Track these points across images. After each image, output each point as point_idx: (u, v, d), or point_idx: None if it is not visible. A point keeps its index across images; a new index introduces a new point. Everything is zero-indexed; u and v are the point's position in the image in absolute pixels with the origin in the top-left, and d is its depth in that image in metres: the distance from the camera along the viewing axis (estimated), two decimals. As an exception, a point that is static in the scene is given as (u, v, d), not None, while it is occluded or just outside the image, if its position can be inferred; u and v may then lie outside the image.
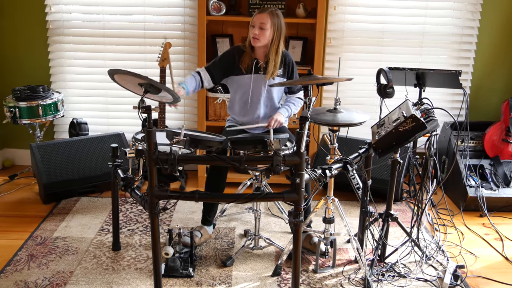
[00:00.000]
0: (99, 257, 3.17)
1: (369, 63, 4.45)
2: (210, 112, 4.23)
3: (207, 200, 3.18)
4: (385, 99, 3.18)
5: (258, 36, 3.25)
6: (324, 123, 2.83)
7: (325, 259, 3.20)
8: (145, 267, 3.08)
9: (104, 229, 3.54)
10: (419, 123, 2.72)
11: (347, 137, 3.23)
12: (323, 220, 3.05)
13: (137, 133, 3.13)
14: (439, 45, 4.50)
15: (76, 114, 4.49)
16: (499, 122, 4.30)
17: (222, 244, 3.38)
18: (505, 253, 3.42)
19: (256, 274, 3.05)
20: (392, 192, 3.13)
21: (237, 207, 3.90)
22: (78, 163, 3.97)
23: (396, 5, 4.38)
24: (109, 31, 4.36)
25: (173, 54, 4.22)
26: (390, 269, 3.10)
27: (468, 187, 3.96)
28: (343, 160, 2.79)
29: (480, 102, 4.65)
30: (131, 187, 2.77)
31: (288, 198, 2.47)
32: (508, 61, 4.60)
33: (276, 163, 2.40)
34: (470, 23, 4.45)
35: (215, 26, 4.31)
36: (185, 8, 4.32)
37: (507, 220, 3.91)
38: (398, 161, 3.05)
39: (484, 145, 4.28)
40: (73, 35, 4.38)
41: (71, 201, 3.95)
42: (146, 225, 3.61)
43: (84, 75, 4.48)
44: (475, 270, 3.20)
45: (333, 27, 4.37)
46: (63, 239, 3.38)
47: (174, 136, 2.49)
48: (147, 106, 2.37)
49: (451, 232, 3.67)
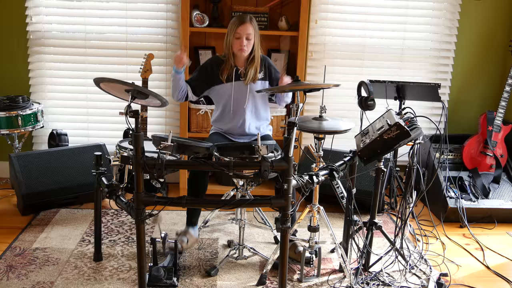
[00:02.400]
0: (80, 268, 3.11)
1: (349, 76, 4.50)
2: (193, 123, 4.22)
3: (194, 206, 3.15)
4: (366, 111, 3.23)
5: (246, 47, 3.29)
6: (310, 131, 2.85)
7: (309, 268, 3.19)
8: (127, 277, 3.03)
9: (85, 240, 3.47)
10: (404, 130, 2.76)
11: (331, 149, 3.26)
12: (308, 229, 3.05)
13: (121, 141, 3.11)
14: (418, 60, 4.60)
15: (56, 125, 4.43)
16: (477, 135, 4.38)
17: (205, 254, 3.35)
18: (486, 263, 3.46)
19: (241, 283, 3.02)
20: (376, 201, 3.16)
21: (220, 218, 3.88)
22: (58, 174, 3.91)
23: (376, 20, 4.47)
24: (91, 42, 4.34)
25: (155, 66, 4.20)
26: (374, 278, 3.11)
27: (449, 198, 4.01)
28: (329, 167, 2.81)
29: (457, 115, 4.75)
30: (116, 194, 2.73)
31: (276, 204, 2.47)
32: (484, 75, 4.71)
33: (264, 169, 2.40)
34: (448, 38, 4.56)
35: (197, 38, 4.33)
36: (167, 20, 4.33)
37: (486, 230, 3.96)
38: (382, 169, 3.08)
39: (463, 158, 4.36)
40: (54, 46, 4.34)
41: (50, 213, 3.87)
42: (128, 236, 3.56)
43: (64, 86, 4.43)
44: (458, 278, 3.22)
45: (314, 41, 4.43)
46: (43, 250, 3.31)
47: (161, 141, 2.47)
48: (135, 110, 2.35)
49: (433, 243, 3.71)
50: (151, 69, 4.13)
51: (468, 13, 4.53)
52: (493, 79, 4.73)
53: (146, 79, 4.12)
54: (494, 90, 4.74)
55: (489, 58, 4.68)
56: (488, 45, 4.64)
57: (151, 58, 4.12)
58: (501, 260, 3.52)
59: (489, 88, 4.74)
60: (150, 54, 4.11)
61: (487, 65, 4.70)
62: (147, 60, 4.10)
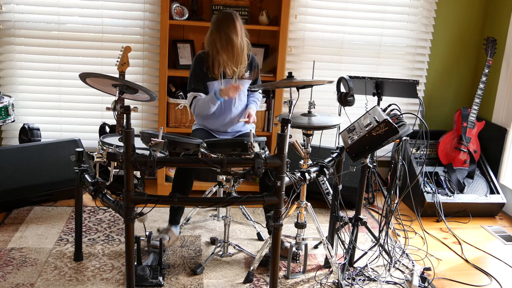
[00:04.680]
0: (60, 268, 3.00)
1: (328, 72, 4.51)
2: (171, 118, 4.14)
3: (186, 204, 3.10)
4: (345, 107, 3.24)
5: None
6: (299, 126, 2.82)
7: (295, 265, 3.18)
8: (111, 277, 2.94)
9: (63, 239, 3.36)
10: (392, 127, 2.77)
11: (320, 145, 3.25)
12: (295, 225, 3.04)
13: (104, 136, 3.02)
14: (394, 56, 4.64)
15: (27, 119, 4.27)
16: (452, 131, 4.46)
17: (189, 252, 3.29)
18: (464, 256, 3.53)
19: (228, 281, 2.99)
20: (361, 197, 3.17)
21: (200, 215, 3.82)
22: (32, 171, 3.77)
23: (355, 16, 4.48)
24: (64, 33, 4.20)
25: (132, 59, 4.10)
26: (359, 273, 3.13)
27: (426, 193, 4.07)
28: (319, 164, 2.80)
29: (432, 111, 4.82)
30: (102, 192, 2.64)
31: (269, 201, 2.44)
32: (458, 72, 4.80)
33: (258, 166, 2.36)
34: (424, 36, 4.62)
35: (175, 31, 4.24)
36: (145, 12, 4.23)
37: (462, 224, 4.05)
38: (368, 165, 3.10)
39: (438, 153, 4.43)
40: (25, 36, 4.17)
41: (23, 211, 3.73)
42: (108, 234, 3.46)
43: (36, 79, 4.27)
44: (439, 272, 3.28)
45: (293, 36, 4.40)
46: (19, 250, 3.18)
47: (151, 138, 2.40)
48: (126, 106, 2.28)
49: (412, 237, 3.76)
50: (128, 62, 4.01)
51: (444, 11, 4.59)
52: (466, 76, 4.82)
53: (123, 72, 4.01)
54: (468, 87, 4.83)
55: (464, 56, 4.76)
56: (462, 42, 4.72)
57: (128, 51, 4.00)
58: (479, 253, 3.60)
59: (462, 85, 4.83)
60: (127, 46, 4.00)
61: (461, 62, 4.78)
62: (124, 53, 3.99)
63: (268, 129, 4.26)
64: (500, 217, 4.23)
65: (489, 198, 4.15)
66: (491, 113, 4.52)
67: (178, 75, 4.17)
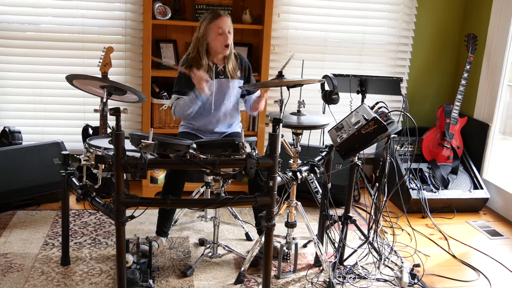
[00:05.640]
0: (48, 273, 2.94)
1: (311, 70, 4.50)
2: (155, 119, 4.10)
3: (179, 206, 3.06)
4: (330, 105, 3.24)
5: (231, 43, 3.23)
6: (288, 126, 2.81)
7: (285, 264, 3.17)
8: (100, 281, 2.90)
9: (49, 243, 3.30)
10: (381, 125, 2.78)
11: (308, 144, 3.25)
12: (286, 225, 3.02)
13: (90, 139, 2.96)
14: (377, 54, 4.67)
15: (7, 122, 4.18)
16: (435, 127, 4.50)
17: (178, 254, 3.26)
18: (451, 251, 3.56)
19: (219, 282, 2.96)
20: (350, 195, 3.18)
21: (187, 216, 3.78)
22: (14, 174, 3.68)
23: (337, 14, 4.49)
24: (44, 34, 4.11)
25: (114, 59, 4.04)
26: (350, 271, 3.13)
27: (411, 189, 4.10)
28: (310, 163, 2.79)
29: (413, 108, 4.85)
30: (90, 195, 2.60)
31: (261, 201, 2.43)
32: (440, 69, 4.85)
33: (250, 166, 2.35)
34: (405, 33, 4.65)
35: (158, 31, 4.18)
36: (126, 12, 4.17)
37: (447, 220, 4.09)
38: (357, 164, 3.10)
39: (422, 149, 4.47)
40: (3, 37, 4.07)
41: (6, 215, 3.65)
42: (94, 237, 3.41)
43: (16, 81, 4.17)
44: (428, 268, 3.30)
45: (276, 34, 4.39)
46: (4, 256, 3.11)
47: (141, 140, 2.36)
48: (115, 108, 2.23)
49: (399, 234, 3.78)
50: (111, 62, 3.97)
51: (424, 8, 4.63)
52: (448, 73, 4.87)
53: (105, 73, 3.96)
54: (449, 83, 4.89)
55: (445, 53, 4.81)
56: (443, 39, 4.77)
57: (111, 52, 3.96)
58: (465, 248, 3.64)
59: (444, 81, 4.88)
60: (110, 47, 3.95)
61: (442, 59, 4.83)
62: (106, 53, 3.94)
63: (253, 128, 4.24)
64: (484, 212, 4.29)
65: (473, 194, 4.20)
66: (473, 109, 4.58)
67: (161, 75, 4.12)
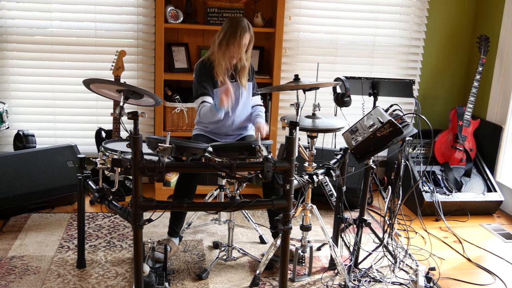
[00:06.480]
0: (64, 276, 2.96)
1: (323, 72, 4.50)
2: (168, 122, 4.11)
3: (195, 209, 3.06)
4: (342, 107, 3.24)
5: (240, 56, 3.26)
6: (304, 129, 2.81)
7: (300, 267, 3.17)
8: (116, 284, 2.91)
9: (64, 246, 3.31)
10: (396, 128, 2.77)
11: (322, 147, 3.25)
12: (301, 228, 3.02)
13: (106, 142, 2.98)
14: (388, 56, 4.66)
15: (21, 126, 4.20)
16: (447, 129, 4.49)
17: (192, 256, 3.27)
18: (466, 255, 3.54)
19: (234, 285, 2.96)
20: (365, 198, 3.18)
21: (201, 219, 3.79)
22: (28, 178, 3.71)
23: (348, 16, 4.49)
24: (57, 38, 4.14)
25: (127, 63, 4.07)
26: (365, 275, 3.13)
27: (424, 192, 4.09)
28: (326, 166, 2.79)
29: (425, 110, 4.84)
30: (107, 198, 2.61)
31: (278, 204, 2.43)
32: (451, 71, 4.83)
33: (267, 169, 2.35)
34: (417, 35, 4.64)
35: (170, 34, 4.20)
36: (138, 16, 4.19)
37: (460, 223, 4.07)
38: (371, 167, 3.10)
39: (435, 152, 4.45)
40: (18, 42, 4.10)
41: (21, 218, 3.67)
42: (109, 240, 3.42)
43: (30, 85, 4.20)
44: (443, 272, 3.29)
45: (288, 37, 4.40)
46: (20, 258, 3.13)
47: (159, 143, 2.37)
48: (133, 112, 2.25)
49: (413, 237, 3.77)
50: (123, 66, 4.00)
51: (436, 10, 4.63)
52: (459, 75, 4.86)
53: (118, 76, 3.99)
54: (461, 85, 4.87)
55: (456, 54, 4.80)
56: (455, 41, 4.76)
57: (123, 55, 3.98)
58: (480, 252, 3.62)
59: (455, 83, 4.87)
60: (122, 51, 3.98)
61: (454, 61, 4.82)
62: (119, 57, 3.97)
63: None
64: (497, 215, 4.27)
65: (486, 196, 4.18)
66: (486, 111, 4.56)
67: (174, 78, 4.14)
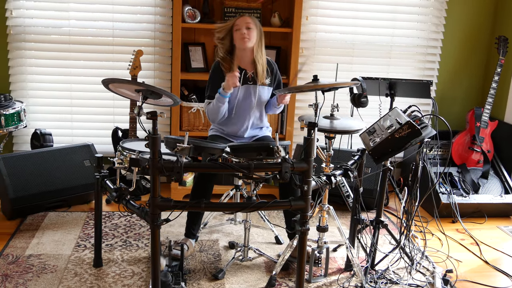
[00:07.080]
0: (81, 275, 2.97)
1: (339, 73, 4.45)
2: (184, 121, 4.11)
3: (213, 210, 3.07)
4: (358, 108, 3.22)
5: (248, 36, 3.19)
6: (323, 130, 2.80)
7: (316, 268, 3.16)
8: (132, 283, 2.92)
9: (80, 245, 3.33)
10: (415, 129, 2.75)
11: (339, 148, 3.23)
12: (317, 229, 3.01)
13: (123, 142, 2.99)
14: (405, 56, 4.63)
15: (38, 125, 4.24)
16: (465, 131, 4.45)
17: (208, 256, 3.27)
18: (484, 257, 3.51)
19: (250, 286, 2.96)
20: (382, 199, 3.15)
21: (216, 219, 3.79)
22: (45, 176, 3.73)
23: (365, 17, 4.47)
24: (75, 37, 4.16)
25: (143, 62, 4.08)
26: (381, 276, 3.11)
27: (441, 194, 4.05)
28: (344, 167, 2.78)
29: (443, 111, 4.80)
30: (125, 198, 2.62)
31: (296, 205, 2.42)
32: (469, 71, 4.79)
33: (285, 170, 2.34)
34: (435, 35, 4.61)
35: (186, 34, 4.20)
36: (156, 15, 4.20)
37: (477, 225, 4.03)
38: (389, 168, 3.08)
39: (452, 153, 4.42)
40: (35, 41, 4.14)
41: (38, 217, 3.70)
42: (125, 239, 3.44)
43: (47, 84, 4.23)
44: (460, 274, 3.25)
45: (305, 37, 4.39)
46: (38, 257, 3.15)
47: (177, 143, 2.38)
48: (152, 111, 2.25)
49: (429, 239, 3.74)
50: (140, 66, 4.01)
51: (454, 10, 4.59)
52: (477, 76, 4.81)
53: (135, 76, 4.01)
54: (478, 86, 4.83)
55: (474, 55, 4.75)
56: (473, 42, 4.72)
57: (140, 55, 4.00)
58: (497, 254, 3.58)
59: (473, 84, 4.82)
60: (139, 50, 3.99)
61: (472, 62, 4.77)
62: (136, 56, 3.98)
63: (282, 131, 4.24)
64: (515, 217, 4.23)
65: (504, 198, 4.13)
66: (504, 112, 4.51)
67: (190, 78, 4.15)
